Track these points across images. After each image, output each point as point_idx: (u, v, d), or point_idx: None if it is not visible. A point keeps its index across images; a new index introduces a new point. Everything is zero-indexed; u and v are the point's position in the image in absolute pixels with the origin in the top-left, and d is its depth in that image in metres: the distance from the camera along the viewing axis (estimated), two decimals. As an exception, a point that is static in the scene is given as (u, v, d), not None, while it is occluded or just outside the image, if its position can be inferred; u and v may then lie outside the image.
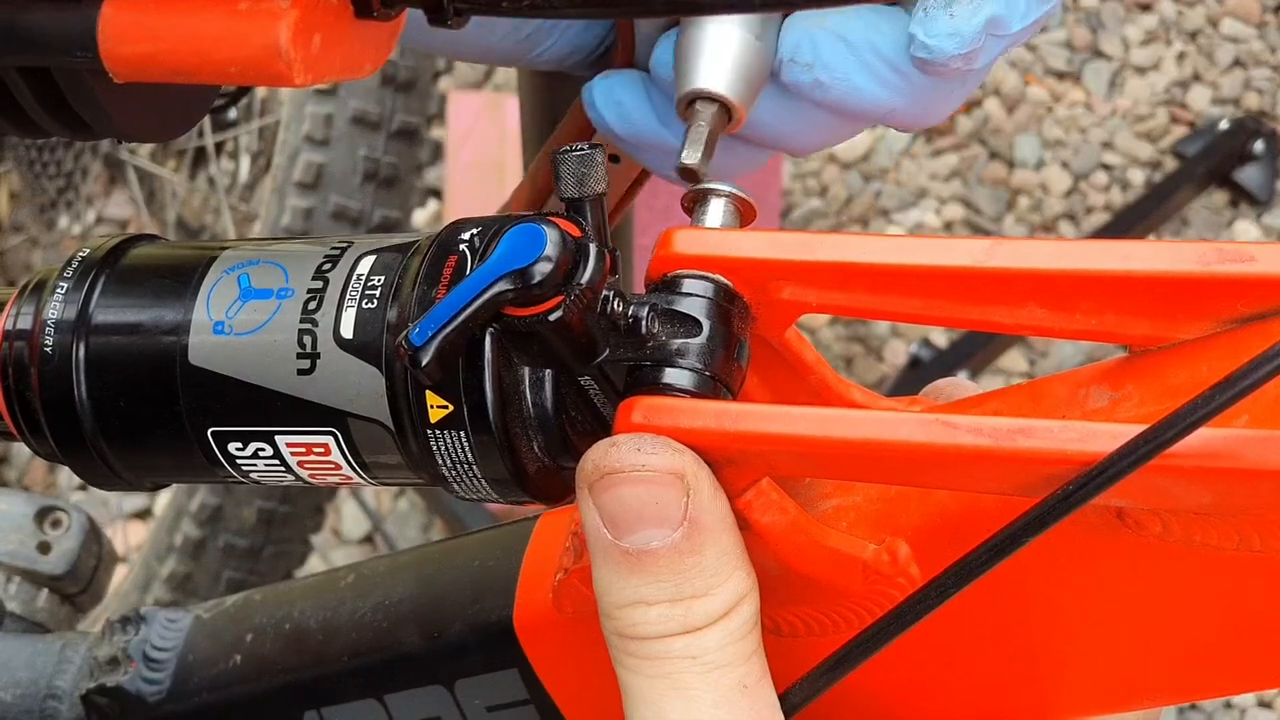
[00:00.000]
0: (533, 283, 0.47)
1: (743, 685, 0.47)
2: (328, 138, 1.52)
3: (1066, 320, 0.48)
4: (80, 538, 0.85)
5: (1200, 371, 0.45)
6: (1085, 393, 0.48)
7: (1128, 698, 0.52)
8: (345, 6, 0.42)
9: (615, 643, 0.48)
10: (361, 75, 0.45)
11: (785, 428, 0.46)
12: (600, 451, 0.47)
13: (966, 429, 0.44)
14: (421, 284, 0.49)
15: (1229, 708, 1.77)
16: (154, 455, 0.54)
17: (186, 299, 0.52)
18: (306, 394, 0.50)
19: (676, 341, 0.49)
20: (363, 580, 0.65)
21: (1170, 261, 0.46)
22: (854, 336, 2.03)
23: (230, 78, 0.42)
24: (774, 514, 0.49)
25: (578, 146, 0.52)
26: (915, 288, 0.49)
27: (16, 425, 0.54)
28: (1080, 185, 2.14)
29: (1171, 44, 2.25)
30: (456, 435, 0.49)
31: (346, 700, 0.63)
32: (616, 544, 0.47)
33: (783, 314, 0.51)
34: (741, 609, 0.47)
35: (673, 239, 0.51)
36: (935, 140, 2.18)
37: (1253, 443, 0.42)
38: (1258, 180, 2.11)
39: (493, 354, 0.48)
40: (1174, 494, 0.43)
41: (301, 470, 0.52)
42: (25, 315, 0.54)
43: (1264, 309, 0.45)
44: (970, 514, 0.48)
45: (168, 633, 0.69)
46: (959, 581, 0.45)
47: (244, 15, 0.41)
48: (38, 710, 0.71)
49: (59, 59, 0.43)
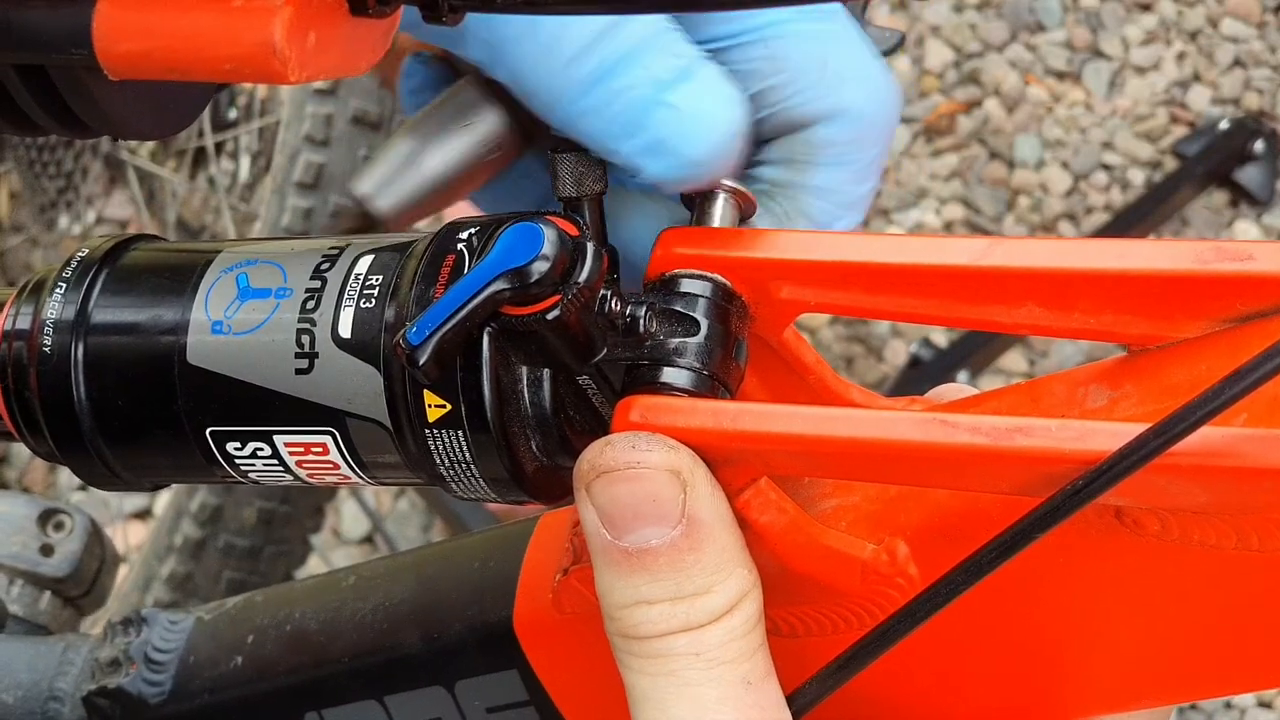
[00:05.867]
0: (530, 281, 0.47)
1: (746, 682, 0.47)
2: (328, 138, 1.52)
3: (1065, 319, 0.48)
4: (83, 540, 0.85)
5: (1199, 370, 0.45)
6: (1084, 392, 0.48)
7: (1127, 697, 0.51)
8: (340, 3, 0.42)
9: (619, 644, 0.48)
10: (357, 73, 0.44)
11: (783, 427, 0.46)
12: (596, 450, 0.47)
13: (965, 428, 0.44)
14: (419, 283, 0.49)
15: (1229, 708, 1.77)
16: (152, 455, 0.54)
17: (185, 299, 0.52)
18: (304, 393, 0.50)
19: (674, 341, 0.49)
20: (363, 582, 0.65)
21: (1168, 260, 0.46)
22: (854, 336, 2.03)
23: (225, 75, 0.41)
24: (772, 513, 0.49)
25: (574, 146, 0.52)
26: (913, 287, 0.49)
27: (15, 425, 0.54)
28: (1080, 185, 2.14)
29: (1171, 44, 2.24)
30: (454, 435, 0.49)
31: (347, 701, 0.63)
32: (616, 544, 0.47)
33: (781, 313, 0.51)
34: (744, 606, 0.47)
35: (671, 239, 0.51)
36: (935, 140, 2.18)
37: (1252, 441, 0.42)
38: (1258, 180, 2.11)
39: (490, 353, 0.48)
40: (1172, 493, 0.43)
41: (300, 470, 0.52)
42: (24, 315, 0.54)
43: (1262, 307, 0.45)
44: (969, 514, 0.48)
45: (169, 634, 0.69)
46: (969, 579, 0.45)
47: (238, 12, 0.41)
48: (39, 712, 0.71)
49: (54, 56, 0.43)
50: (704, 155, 0.54)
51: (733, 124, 0.55)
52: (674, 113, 0.54)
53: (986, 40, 2.25)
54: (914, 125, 2.20)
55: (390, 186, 0.56)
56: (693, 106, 0.55)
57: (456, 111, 0.57)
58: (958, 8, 2.29)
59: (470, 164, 0.57)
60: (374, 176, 0.57)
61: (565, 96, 0.54)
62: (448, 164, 0.56)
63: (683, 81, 0.54)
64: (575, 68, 0.54)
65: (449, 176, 0.57)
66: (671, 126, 0.54)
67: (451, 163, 0.56)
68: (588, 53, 0.54)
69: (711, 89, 0.55)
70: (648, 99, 0.54)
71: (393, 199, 0.56)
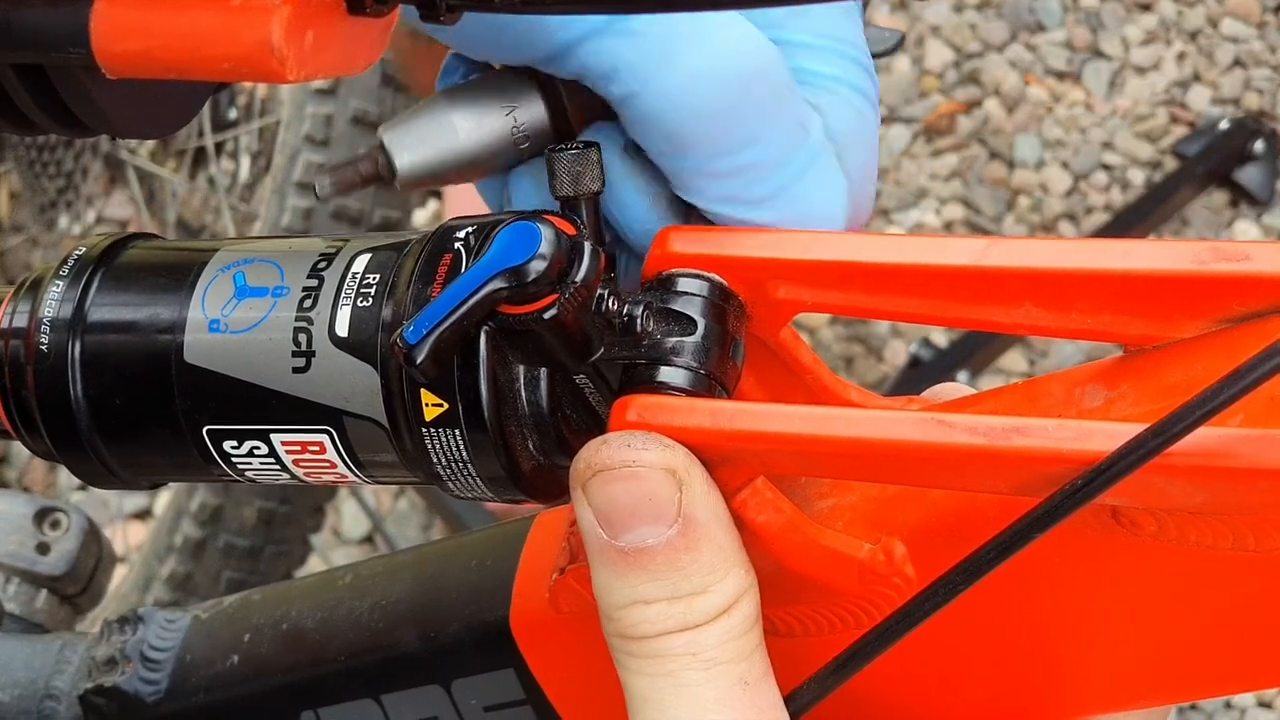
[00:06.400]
0: (527, 280, 0.47)
1: (744, 682, 0.47)
2: (328, 138, 1.52)
3: (1063, 319, 0.48)
4: (79, 539, 0.85)
5: (1196, 370, 0.45)
6: (1081, 392, 0.48)
7: (1125, 697, 0.51)
8: (338, 2, 0.42)
9: (616, 644, 0.48)
10: (355, 72, 0.44)
11: (780, 426, 0.46)
12: (592, 449, 0.47)
13: (962, 428, 0.44)
14: (417, 282, 0.49)
15: (1229, 708, 1.77)
16: (150, 454, 0.54)
17: (182, 297, 0.52)
18: (301, 392, 0.50)
19: (671, 340, 0.49)
20: (360, 580, 0.65)
21: (1166, 260, 0.46)
22: (854, 336, 2.03)
23: (223, 74, 0.41)
24: (769, 513, 0.49)
25: (572, 145, 0.52)
26: (911, 287, 0.49)
27: (13, 424, 0.54)
28: (1080, 185, 2.14)
29: (1171, 44, 2.25)
30: (451, 433, 0.49)
31: (343, 700, 0.63)
32: (612, 544, 0.47)
33: (778, 313, 0.51)
34: (741, 605, 0.47)
35: (668, 238, 0.51)
36: (935, 140, 2.18)
37: (1248, 441, 0.42)
38: (1258, 180, 2.11)
39: (488, 352, 0.48)
40: (1169, 493, 0.43)
41: (297, 469, 0.52)
42: (21, 313, 0.54)
43: (1259, 308, 0.45)
44: (966, 514, 0.48)
45: (165, 633, 0.69)
46: (967, 578, 0.45)
47: (237, 11, 0.41)
48: (36, 710, 0.71)
49: (52, 55, 0.43)
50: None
51: (841, 224, 0.54)
52: (796, 203, 0.53)
53: (986, 40, 2.25)
54: (914, 125, 2.20)
55: (416, 145, 0.55)
56: (812, 200, 0.53)
57: (500, 91, 0.56)
58: (958, 8, 2.29)
59: (499, 146, 0.56)
60: (402, 130, 0.56)
61: (690, 154, 0.52)
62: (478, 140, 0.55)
63: (809, 170, 0.53)
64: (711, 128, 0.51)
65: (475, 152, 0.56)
66: (789, 214, 0.53)
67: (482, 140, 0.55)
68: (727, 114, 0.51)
69: (830, 181, 0.53)
70: (778, 183, 0.52)
71: (413, 159, 0.55)
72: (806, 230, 0.53)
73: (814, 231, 0.53)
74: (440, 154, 0.55)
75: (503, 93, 0.56)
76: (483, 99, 0.56)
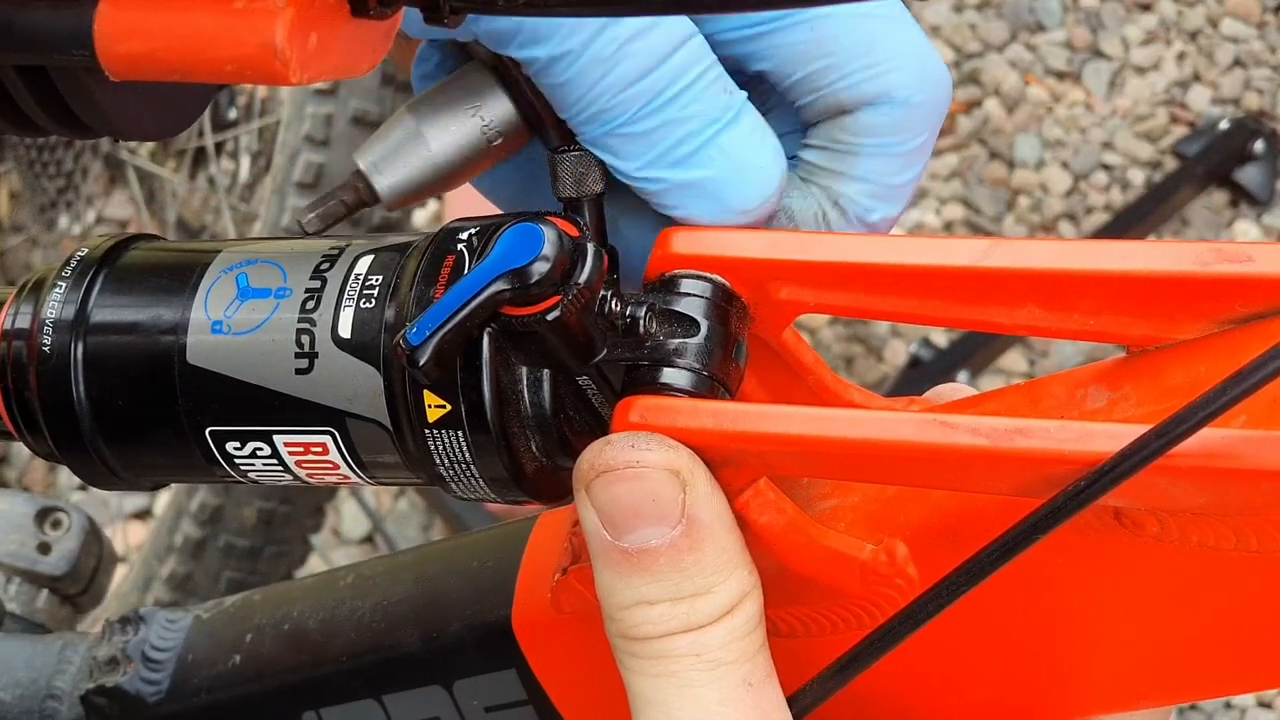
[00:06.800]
0: (530, 282, 0.47)
1: (748, 683, 0.47)
2: (328, 138, 1.52)
3: (1064, 320, 0.48)
4: (80, 538, 0.85)
5: (1198, 372, 0.45)
6: (1083, 393, 0.48)
7: (1127, 697, 0.52)
8: (341, 5, 0.42)
9: (619, 645, 0.48)
10: (358, 74, 0.44)
11: (783, 427, 0.47)
12: (595, 450, 0.47)
13: (964, 429, 0.44)
14: (419, 283, 0.49)
15: (1229, 708, 1.77)
16: (152, 455, 0.54)
17: (184, 298, 0.52)
18: (304, 393, 0.50)
19: (674, 341, 0.49)
20: (362, 581, 0.65)
21: (1168, 262, 0.46)
22: (854, 336, 2.03)
23: (226, 76, 0.41)
24: (772, 514, 0.49)
25: (574, 146, 0.52)
26: (913, 288, 0.49)
27: (15, 425, 0.54)
28: (1080, 185, 2.14)
29: (1171, 44, 2.25)
30: (454, 435, 0.49)
31: (345, 701, 0.63)
32: (616, 544, 0.47)
33: (780, 314, 0.51)
34: (744, 606, 0.47)
35: (670, 239, 0.51)
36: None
37: (1251, 443, 0.42)
38: (1258, 180, 2.11)
39: (490, 354, 0.48)
40: (1172, 494, 0.43)
41: (299, 470, 0.52)
42: (24, 314, 0.54)
43: (1262, 309, 0.45)
44: (968, 515, 0.48)
45: (167, 633, 0.69)
46: (970, 580, 0.45)
47: (240, 14, 0.41)
48: (37, 710, 0.71)
49: (55, 57, 0.43)
50: (750, 205, 0.53)
51: (778, 180, 0.53)
52: (725, 157, 0.52)
53: (986, 40, 2.25)
54: (914, 125, 2.19)
55: (391, 166, 0.56)
56: (743, 153, 0.53)
57: (463, 94, 0.56)
58: (958, 8, 2.29)
59: (474, 149, 0.56)
60: (375, 153, 0.56)
61: (616, 117, 0.52)
62: (451, 148, 0.56)
63: (734, 124, 0.53)
64: (635, 90, 0.51)
65: (451, 160, 0.56)
66: (720, 169, 0.52)
67: (455, 146, 0.56)
68: (649, 76, 0.52)
69: (759, 136, 0.53)
70: (702, 137, 0.52)
71: (393, 179, 0.56)
72: (807, 231, 0.54)
73: (816, 232, 0.53)
74: (418, 169, 0.56)
75: (465, 94, 0.56)
76: (446, 105, 0.56)
